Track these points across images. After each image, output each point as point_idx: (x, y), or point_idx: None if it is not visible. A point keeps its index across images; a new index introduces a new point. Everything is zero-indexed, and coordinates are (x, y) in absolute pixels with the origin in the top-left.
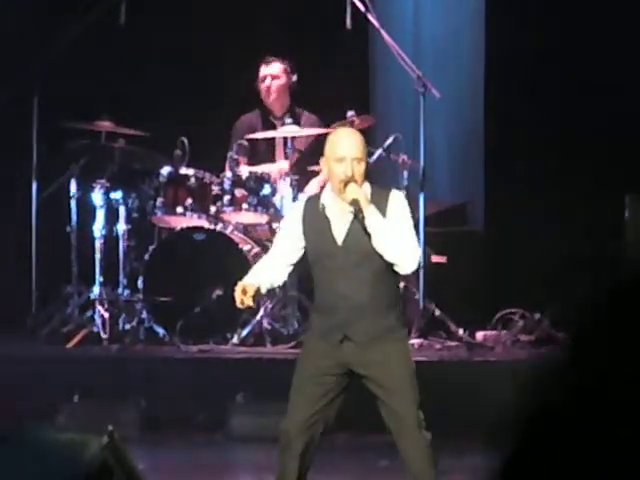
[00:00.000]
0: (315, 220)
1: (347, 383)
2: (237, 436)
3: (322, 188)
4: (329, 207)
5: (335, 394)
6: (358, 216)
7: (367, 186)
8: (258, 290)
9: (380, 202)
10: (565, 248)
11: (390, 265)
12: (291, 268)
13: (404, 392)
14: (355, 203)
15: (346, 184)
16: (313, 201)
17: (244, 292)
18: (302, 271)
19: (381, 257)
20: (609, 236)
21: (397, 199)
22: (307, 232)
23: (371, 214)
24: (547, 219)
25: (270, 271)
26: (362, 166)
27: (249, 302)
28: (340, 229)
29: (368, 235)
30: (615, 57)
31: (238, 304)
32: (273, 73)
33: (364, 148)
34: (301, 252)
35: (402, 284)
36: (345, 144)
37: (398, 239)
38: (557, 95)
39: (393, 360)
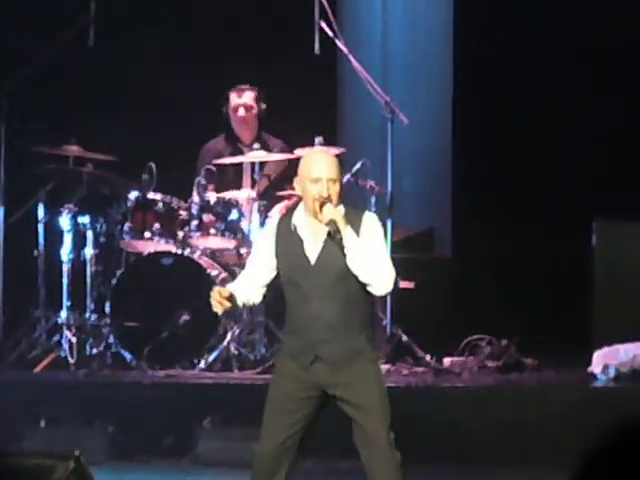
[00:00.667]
0: (288, 240)
1: (321, 405)
2: (204, 461)
3: (284, 213)
4: (301, 227)
5: (310, 418)
6: (335, 237)
7: (341, 207)
8: (233, 296)
9: (354, 223)
10: (532, 274)
11: (363, 286)
12: (264, 290)
13: (375, 412)
14: (332, 224)
15: (322, 205)
16: (285, 221)
17: (220, 294)
18: (269, 296)
19: (354, 278)
20: (577, 262)
21: (371, 221)
22: (280, 252)
23: (349, 235)
24: (514, 246)
25: (245, 291)
26: (337, 187)
27: (226, 304)
28: (313, 249)
29: (341, 256)
30: (586, 77)
31: (215, 308)
32: (246, 103)
33: (339, 169)
34: (274, 273)
35: None
36: (321, 165)
37: (374, 261)
38: (525, 121)
39: (364, 380)
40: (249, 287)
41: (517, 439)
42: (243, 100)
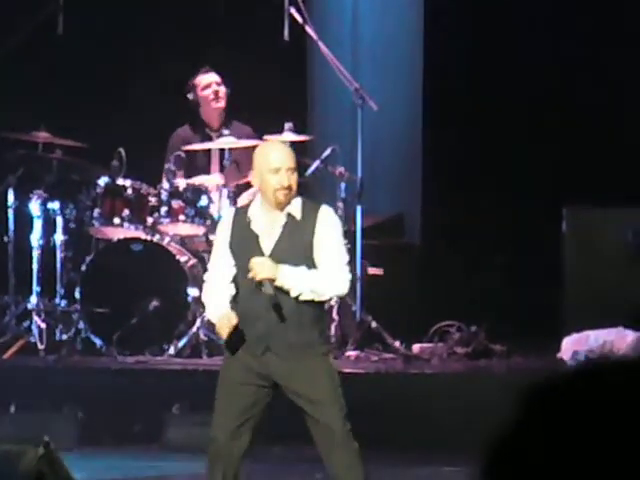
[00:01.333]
0: (242, 232)
1: (271, 394)
2: (173, 447)
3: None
4: (257, 219)
5: (262, 405)
6: (271, 293)
7: (298, 200)
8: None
9: (309, 217)
10: (501, 260)
11: None
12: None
13: (329, 404)
14: (266, 281)
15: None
16: (241, 213)
17: (229, 321)
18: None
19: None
20: (546, 248)
21: (327, 215)
22: (234, 244)
23: (284, 279)
24: (484, 231)
25: (225, 294)
26: (295, 176)
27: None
28: (268, 242)
29: (296, 248)
30: (558, 64)
31: (222, 334)
32: (217, 80)
33: (295, 158)
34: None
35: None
36: (279, 155)
37: (324, 281)
38: (494, 106)
39: (316, 374)
40: (224, 289)
41: (485, 425)
42: (213, 78)
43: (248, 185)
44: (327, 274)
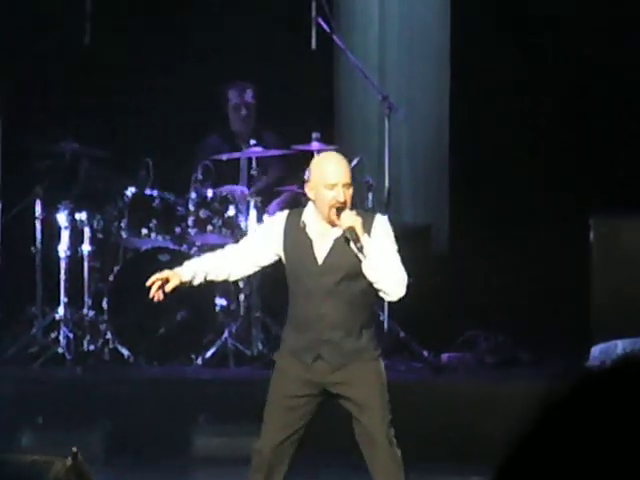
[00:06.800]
0: (296, 237)
1: (321, 403)
2: (202, 457)
3: (282, 209)
4: (310, 226)
5: (310, 416)
6: (355, 245)
7: (352, 212)
8: (182, 284)
9: (365, 227)
10: (530, 269)
11: (367, 288)
12: (256, 269)
13: (375, 409)
14: (351, 231)
15: (338, 210)
16: (294, 217)
17: (165, 280)
18: (266, 292)
19: (359, 280)
20: (575, 258)
21: (382, 224)
22: (287, 247)
23: (369, 242)
24: (512, 241)
25: (231, 262)
26: (351, 191)
27: (159, 294)
28: (321, 249)
29: (348, 257)
30: (587, 71)
31: (150, 283)
32: (248, 102)
33: (351, 173)
34: (271, 260)
35: None
36: (336, 170)
37: (389, 267)
38: (522, 116)
39: (364, 378)
40: (239, 261)
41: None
42: (246, 99)
43: (276, 195)
44: (392, 272)
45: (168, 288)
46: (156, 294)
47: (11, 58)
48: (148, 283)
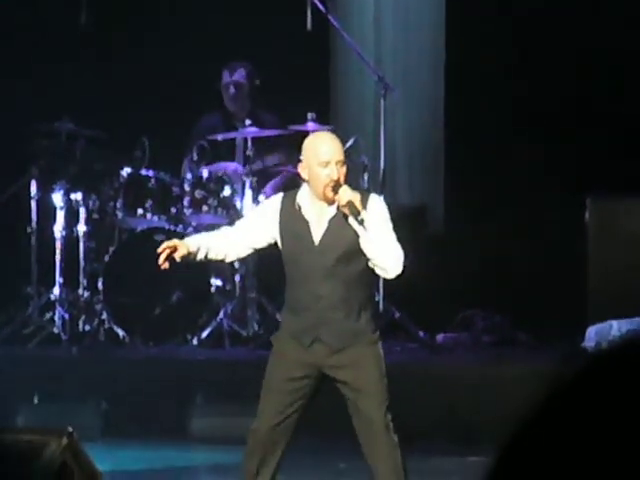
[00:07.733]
0: (292, 219)
1: (319, 385)
2: (197, 437)
3: (278, 190)
4: (305, 208)
5: (307, 398)
6: (356, 219)
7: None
8: (189, 255)
9: (362, 204)
10: (526, 249)
11: (365, 268)
12: (250, 251)
13: (373, 394)
14: (350, 206)
15: (334, 188)
16: (289, 200)
17: (174, 249)
18: (262, 273)
19: (356, 259)
20: (571, 237)
21: (377, 203)
22: (283, 230)
23: (367, 218)
24: (507, 221)
25: (229, 243)
26: (344, 169)
27: (165, 263)
28: (318, 229)
29: (345, 237)
30: (581, 56)
31: (160, 250)
32: (237, 81)
33: (344, 151)
34: (266, 243)
35: None
36: (329, 147)
37: (386, 244)
38: (517, 98)
39: (363, 362)
40: (236, 242)
41: (511, 415)
42: (234, 78)
43: (272, 175)
44: (389, 248)
45: (177, 257)
46: (164, 263)
47: (4, 40)
48: (159, 250)
